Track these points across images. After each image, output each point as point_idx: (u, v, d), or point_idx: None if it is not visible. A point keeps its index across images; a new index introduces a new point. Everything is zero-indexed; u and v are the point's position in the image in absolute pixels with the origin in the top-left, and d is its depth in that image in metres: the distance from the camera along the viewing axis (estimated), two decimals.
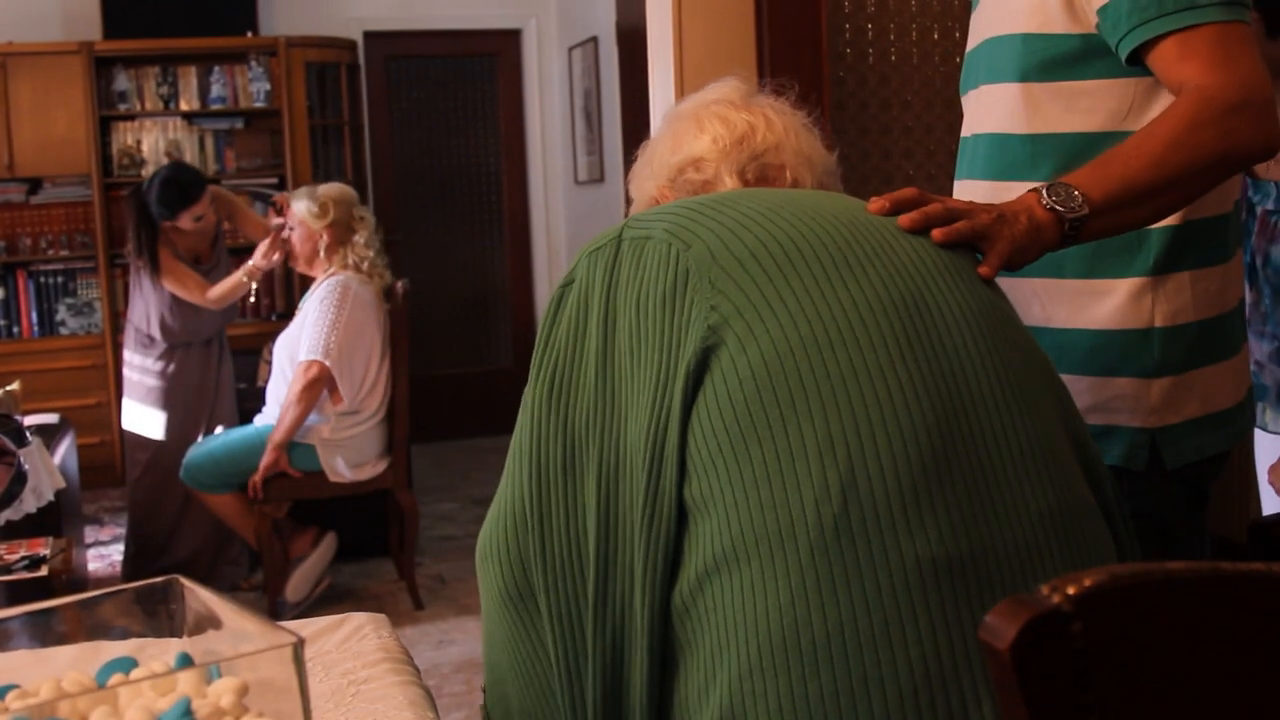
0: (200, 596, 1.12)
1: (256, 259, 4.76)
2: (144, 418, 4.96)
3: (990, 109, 1.88)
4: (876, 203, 1.47)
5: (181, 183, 4.81)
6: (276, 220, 4.75)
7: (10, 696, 1.03)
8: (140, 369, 4.97)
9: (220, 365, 5.05)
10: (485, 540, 1.46)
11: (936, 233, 1.44)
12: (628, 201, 1.82)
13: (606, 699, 1.34)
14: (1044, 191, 1.55)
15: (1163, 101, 1.72)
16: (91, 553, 5.44)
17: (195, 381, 4.97)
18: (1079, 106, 1.77)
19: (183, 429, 4.92)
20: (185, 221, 4.80)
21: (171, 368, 4.93)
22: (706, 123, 1.66)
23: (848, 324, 1.29)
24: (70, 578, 3.46)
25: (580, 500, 1.35)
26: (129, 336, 5.01)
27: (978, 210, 1.50)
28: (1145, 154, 1.58)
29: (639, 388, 1.33)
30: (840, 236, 1.37)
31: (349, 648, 1.68)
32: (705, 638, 1.26)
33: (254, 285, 4.86)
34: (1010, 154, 1.84)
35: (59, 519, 4.20)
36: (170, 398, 4.93)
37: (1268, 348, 2.76)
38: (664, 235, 1.37)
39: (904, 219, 1.44)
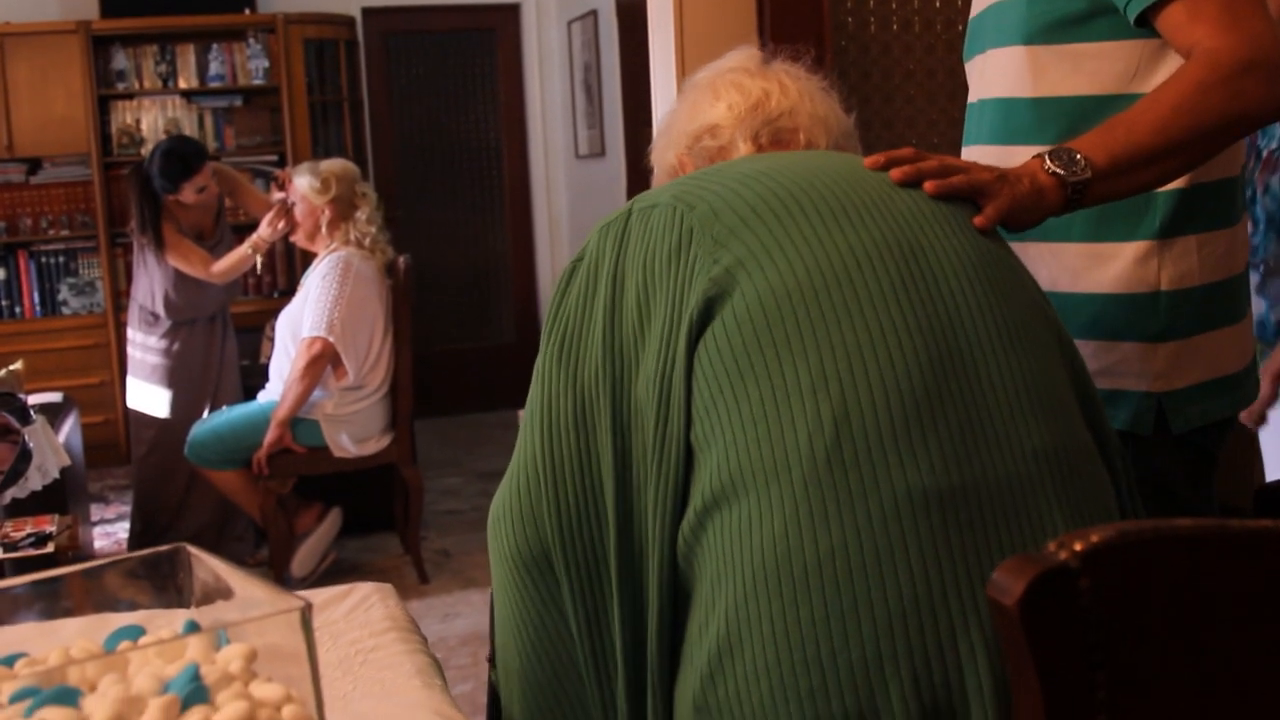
0: (208, 565, 1.12)
1: (262, 231, 4.75)
2: (149, 396, 4.96)
3: (995, 74, 1.87)
4: (872, 158, 1.49)
5: (183, 154, 4.80)
6: (279, 195, 4.74)
7: (19, 665, 1.04)
8: (144, 347, 4.97)
9: (224, 342, 5.05)
10: (497, 505, 1.48)
11: (929, 185, 1.46)
12: (631, 172, 1.84)
13: (636, 647, 1.36)
14: (1046, 156, 1.55)
15: (1170, 63, 1.71)
16: (97, 530, 5.45)
17: (199, 359, 4.97)
18: (1085, 69, 1.76)
19: (187, 406, 4.92)
20: (188, 194, 4.79)
21: (176, 345, 4.92)
22: (722, 90, 1.68)
23: (844, 267, 1.33)
24: (76, 554, 3.47)
25: (594, 453, 1.38)
26: (133, 314, 5.01)
27: (977, 168, 1.51)
28: (1151, 118, 1.57)
29: (648, 340, 1.36)
30: (839, 188, 1.41)
31: (356, 617, 1.69)
32: (706, 572, 1.29)
33: (259, 259, 4.85)
34: (1016, 118, 1.84)
35: (64, 497, 4.21)
36: (175, 375, 4.93)
37: (1254, 279, 2.75)
38: (669, 201, 1.42)
39: (895, 172, 1.46)
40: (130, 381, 5.05)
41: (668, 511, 1.32)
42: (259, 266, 4.97)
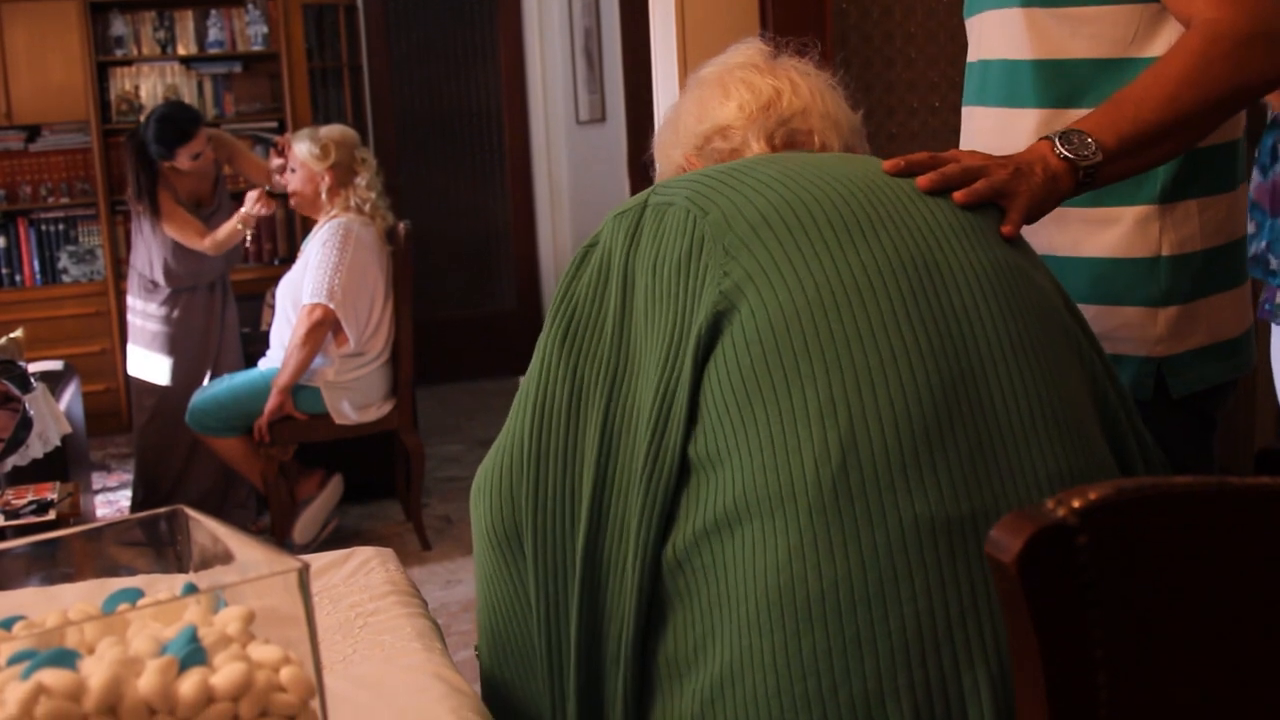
0: (206, 527, 1.12)
1: (250, 207, 4.75)
2: (149, 363, 4.97)
3: (995, 34, 1.86)
4: (891, 163, 1.46)
5: (177, 120, 4.79)
6: (277, 161, 4.73)
7: (17, 627, 1.04)
8: (144, 314, 4.97)
9: (224, 309, 5.05)
10: (481, 474, 1.47)
11: (958, 195, 1.43)
12: (632, 138, 1.82)
13: (588, 647, 1.36)
14: (1056, 140, 1.54)
15: (1168, 29, 1.71)
16: (99, 499, 5.46)
17: (199, 326, 4.97)
18: (1084, 33, 1.75)
19: (188, 374, 4.92)
20: (183, 160, 4.77)
21: (176, 312, 4.92)
22: (732, 88, 1.64)
23: (854, 286, 1.30)
24: (78, 522, 3.48)
25: (580, 449, 1.37)
26: (132, 282, 5.01)
27: (994, 167, 1.49)
28: (1156, 94, 1.56)
29: (651, 347, 1.35)
30: (854, 199, 1.38)
31: (356, 581, 1.69)
32: (702, 592, 1.27)
33: (249, 232, 4.86)
34: (1016, 80, 1.83)
35: (66, 464, 4.22)
36: (175, 343, 4.93)
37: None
38: (684, 202, 1.39)
39: (921, 180, 1.44)
40: (130, 349, 5.06)
41: (654, 523, 1.31)
42: (249, 239, 4.97)
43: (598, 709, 1.38)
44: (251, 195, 4.77)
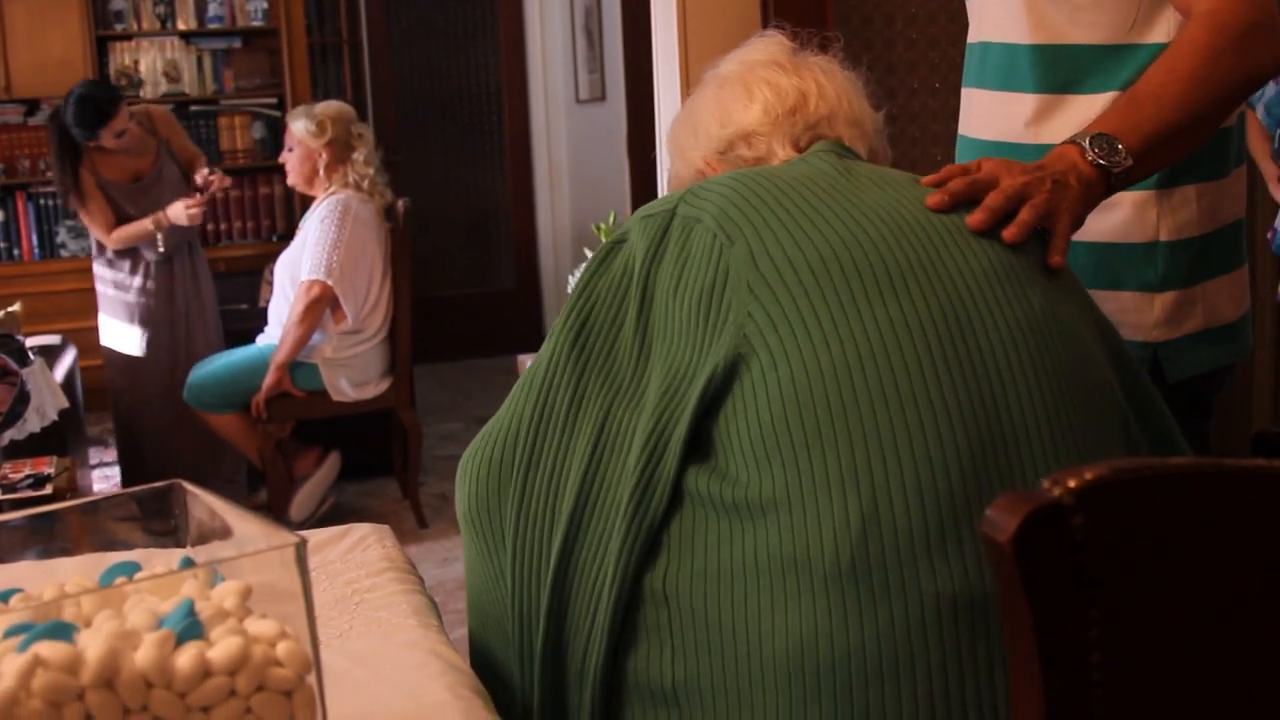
0: (204, 501, 1.12)
1: (173, 212, 4.67)
2: (114, 333, 4.93)
3: (994, 16, 1.86)
4: (934, 198, 1.40)
5: (97, 99, 4.67)
6: (201, 178, 4.73)
7: (14, 600, 1.04)
8: (111, 283, 4.92)
9: (195, 282, 4.95)
10: (469, 458, 1.47)
11: (1008, 234, 1.39)
12: (631, 117, 1.81)
13: (554, 652, 1.36)
14: (1087, 146, 1.50)
15: (1167, 15, 1.70)
16: (96, 473, 5.46)
17: (164, 298, 4.89)
18: (1082, 19, 1.75)
19: (158, 347, 4.87)
20: (108, 139, 4.67)
21: (138, 281, 4.85)
22: (756, 90, 1.58)
23: (882, 345, 1.25)
24: (75, 496, 3.48)
25: (570, 456, 1.36)
26: (94, 250, 4.96)
27: (1032, 185, 1.44)
28: (1173, 93, 1.55)
29: (659, 371, 1.32)
30: (885, 245, 1.32)
31: (353, 557, 1.69)
32: (690, 635, 1.25)
33: (160, 236, 4.73)
34: (1015, 64, 1.82)
35: (63, 439, 4.22)
36: (143, 313, 4.87)
37: None
38: (711, 223, 1.35)
39: (972, 220, 1.39)
40: (100, 319, 5.01)
41: (636, 549, 1.29)
42: (160, 244, 4.77)
43: (563, 712, 1.37)
44: (176, 207, 4.68)
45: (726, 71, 1.63)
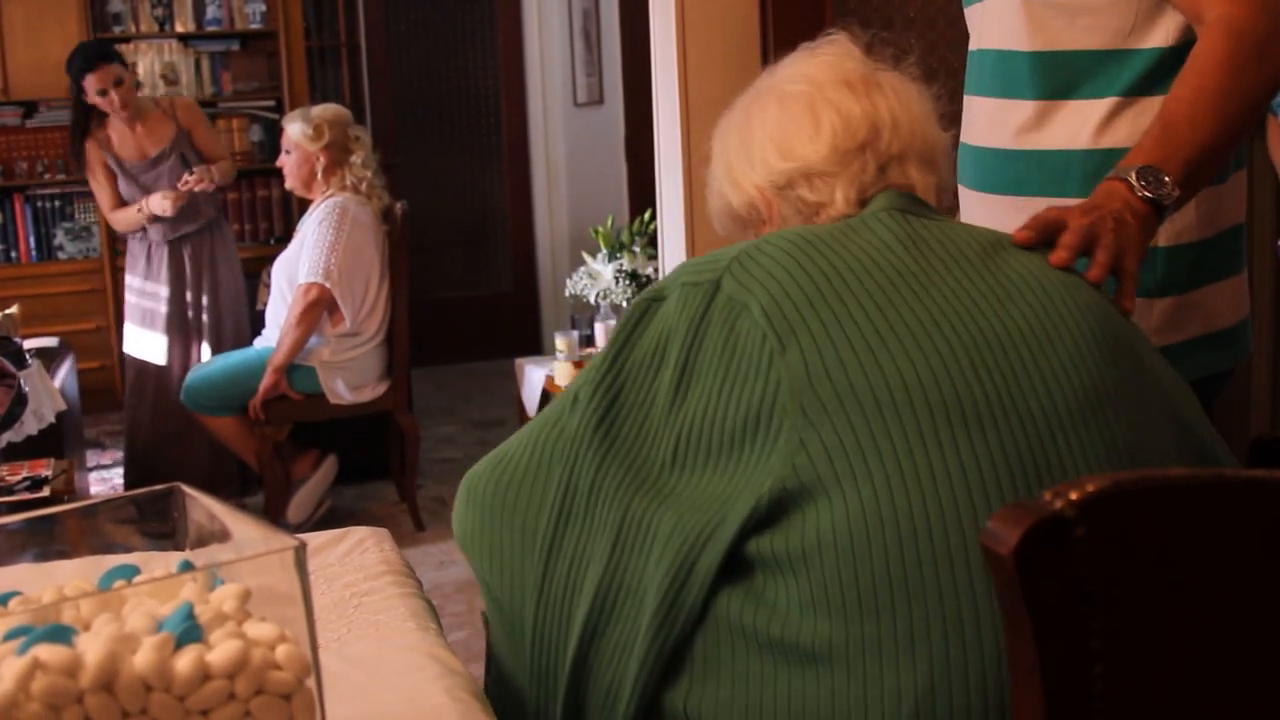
0: (203, 505, 1.12)
1: (153, 202, 4.80)
2: (145, 341, 4.96)
3: (993, 24, 1.86)
4: (1057, 256, 1.35)
5: (86, 51, 4.87)
6: (186, 182, 4.79)
7: (13, 603, 1.04)
8: (140, 292, 4.96)
9: (214, 267, 5.01)
10: (479, 479, 1.42)
11: (1093, 274, 1.36)
12: (629, 120, 1.78)
13: None
14: (1135, 180, 1.48)
15: (1166, 20, 1.70)
16: (93, 476, 5.45)
17: (177, 290, 4.96)
18: (1080, 25, 1.75)
19: (180, 353, 4.92)
20: (90, 92, 4.77)
21: (160, 287, 4.92)
22: (824, 118, 1.43)
23: (951, 495, 1.14)
24: (72, 499, 3.48)
25: (589, 548, 1.29)
26: (131, 255, 5.05)
27: (1099, 225, 1.42)
28: (1205, 113, 1.53)
29: (691, 480, 1.24)
30: (959, 373, 1.20)
31: (351, 561, 1.69)
32: None
33: (145, 223, 4.89)
34: (1013, 71, 1.82)
35: (60, 441, 4.22)
36: (169, 321, 4.92)
37: None
38: (761, 317, 1.23)
39: (1055, 259, 1.35)
40: (128, 327, 5.07)
41: (655, 671, 1.23)
42: (157, 232, 4.94)
43: None
44: (154, 198, 4.80)
45: (792, 90, 1.47)
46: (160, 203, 4.78)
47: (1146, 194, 1.47)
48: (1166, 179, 1.48)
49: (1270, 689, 0.98)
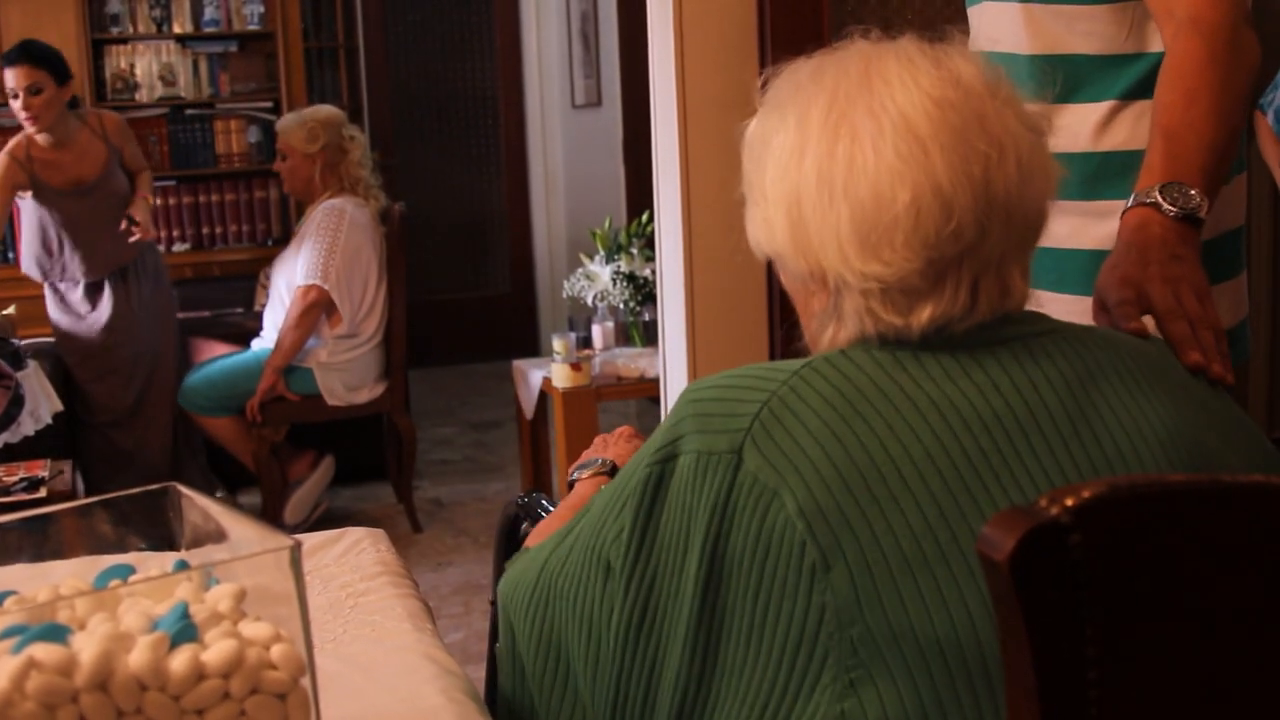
0: (198, 505, 1.12)
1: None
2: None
3: (994, 26, 1.87)
4: (1133, 326, 1.27)
5: (22, 45, 4.49)
6: (133, 232, 4.52)
7: (8, 602, 1.04)
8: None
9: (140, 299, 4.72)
10: (524, 592, 1.29)
11: (1230, 378, 1.30)
12: (627, 122, 1.77)
13: None
14: (1162, 200, 1.43)
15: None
16: None
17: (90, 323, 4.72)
18: (1079, 29, 1.76)
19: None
20: (4, 88, 4.40)
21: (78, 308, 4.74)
22: (925, 203, 1.07)
23: None
24: (69, 499, 3.48)
25: None
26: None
27: (1181, 294, 1.34)
28: (1203, 115, 1.52)
29: (729, 691, 1.09)
30: None
31: (347, 561, 1.69)
32: None
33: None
34: (1015, 74, 1.82)
35: (57, 442, 4.21)
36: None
37: None
38: (798, 516, 1.04)
39: (1189, 362, 1.27)
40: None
41: None
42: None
43: None
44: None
45: (890, 139, 1.09)
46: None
47: (1180, 213, 1.43)
48: (1192, 191, 1.44)
49: (1268, 696, 0.98)
